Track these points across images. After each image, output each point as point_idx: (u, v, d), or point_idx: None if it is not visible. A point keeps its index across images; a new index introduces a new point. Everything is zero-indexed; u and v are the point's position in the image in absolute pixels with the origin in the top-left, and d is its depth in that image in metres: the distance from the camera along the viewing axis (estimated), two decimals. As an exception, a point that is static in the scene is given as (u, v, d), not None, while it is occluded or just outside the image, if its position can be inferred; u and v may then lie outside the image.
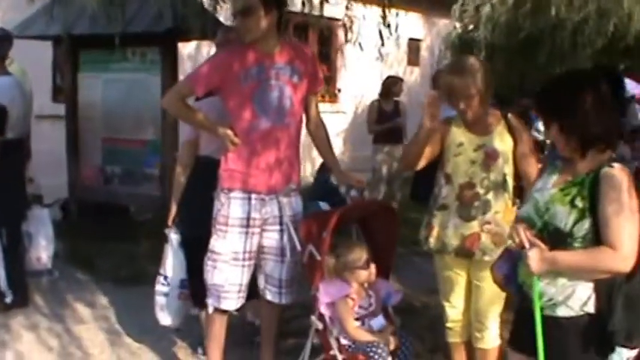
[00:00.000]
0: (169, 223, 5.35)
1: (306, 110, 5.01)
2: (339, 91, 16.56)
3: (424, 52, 19.03)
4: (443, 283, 4.87)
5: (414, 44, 18.30)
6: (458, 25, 15.71)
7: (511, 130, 4.59)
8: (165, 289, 5.30)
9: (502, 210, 4.54)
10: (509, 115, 4.70)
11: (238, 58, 4.69)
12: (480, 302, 4.66)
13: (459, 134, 4.67)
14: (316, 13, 7.03)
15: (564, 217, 3.24)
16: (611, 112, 3.29)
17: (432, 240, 4.73)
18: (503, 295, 4.44)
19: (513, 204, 4.58)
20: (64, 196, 9.73)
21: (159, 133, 8.91)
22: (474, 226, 4.54)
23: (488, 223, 4.50)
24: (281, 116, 4.75)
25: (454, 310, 4.83)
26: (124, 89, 9.31)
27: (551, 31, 13.04)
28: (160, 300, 5.33)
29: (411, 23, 15.21)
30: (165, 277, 5.29)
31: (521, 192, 4.56)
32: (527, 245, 3.27)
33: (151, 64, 8.96)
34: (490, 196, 4.53)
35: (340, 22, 7.80)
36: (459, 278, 4.75)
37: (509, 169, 4.52)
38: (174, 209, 5.36)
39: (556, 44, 13.20)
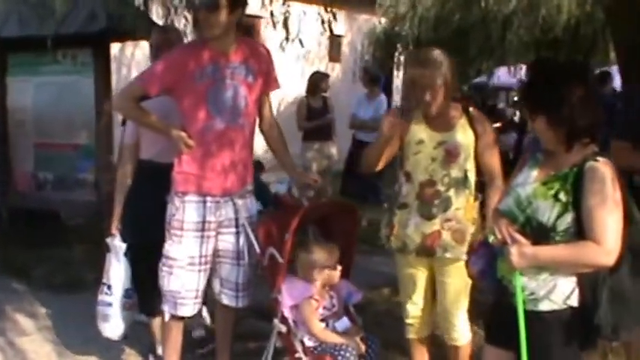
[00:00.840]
0: (112, 230, 5.16)
1: (260, 110, 4.93)
2: (278, 84, 16.50)
3: (345, 48, 19.07)
4: (404, 282, 4.83)
5: (335, 40, 18.33)
6: (382, 20, 15.86)
7: (472, 123, 4.56)
8: (109, 298, 5.11)
9: (463, 206, 4.52)
10: (471, 107, 4.67)
11: (193, 56, 4.58)
12: (446, 299, 4.65)
13: (419, 131, 4.60)
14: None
15: (547, 211, 3.25)
16: (597, 106, 3.32)
17: (393, 239, 4.69)
18: (469, 289, 4.49)
19: (475, 199, 4.57)
20: (-4, 203, 9.48)
21: (92, 137, 8.72)
22: (435, 224, 4.51)
23: (449, 220, 4.49)
24: (235, 117, 4.66)
25: (415, 307, 4.80)
26: (55, 93, 9.05)
27: (480, 24, 13.27)
28: (103, 310, 5.14)
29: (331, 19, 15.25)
30: (109, 287, 5.11)
31: (482, 187, 4.57)
32: (509, 241, 3.28)
33: (82, 67, 8.75)
34: (451, 192, 4.50)
35: (262, 19, 7.74)
36: (421, 276, 4.72)
37: (470, 165, 4.49)
38: (117, 216, 5.19)
39: (486, 37, 13.44)
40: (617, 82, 11.08)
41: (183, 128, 4.62)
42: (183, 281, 4.69)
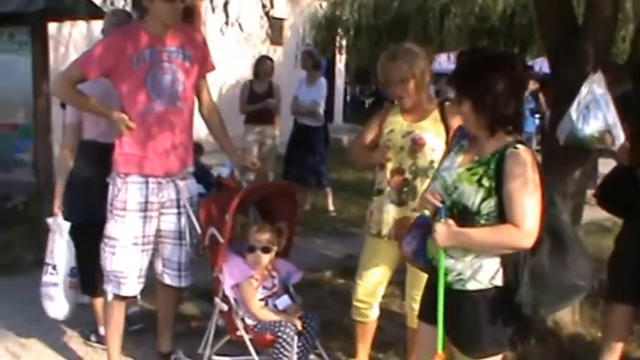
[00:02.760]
0: (55, 209, 5.17)
1: (198, 94, 5.03)
2: (214, 67, 16.39)
3: (287, 32, 19.07)
4: (364, 263, 4.95)
5: (277, 23, 18.32)
6: (324, 4, 15.93)
7: (445, 116, 4.68)
8: (54, 278, 5.11)
9: None
10: (447, 103, 4.80)
11: (131, 40, 4.63)
12: (410, 284, 4.75)
13: (393, 121, 4.79)
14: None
15: (472, 195, 3.39)
16: (521, 96, 3.46)
17: (371, 225, 4.86)
18: None
19: None
20: None
21: (30, 116, 8.63)
22: (405, 210, 4.66)
23: (415, 209, 4.58)
24: (174, 100, 4.74)
25: (364, 289, 4.93)
26: (-8, 71, 8.94)
27: (418, 12, 13.44)
28: (48, 291, 5.14)
29: (275, 2, 15.23)
30: (54, 267, 5.12)
31: None
32: (439, 205, 3.44)
33: (20, 46, 8.65)
34: (417, 182, 4.64)
35: (202, 2, 7.73)
36: (383, 262, 4.86)
37: (436, 156, 4.51)
38: (59, 195, 5.20)
39: (424, 25, 13.61)
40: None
41: (123, 111, 4.68)
42: (126, 261, 4.76)
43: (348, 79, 22.44)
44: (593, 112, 5.03)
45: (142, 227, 4.74)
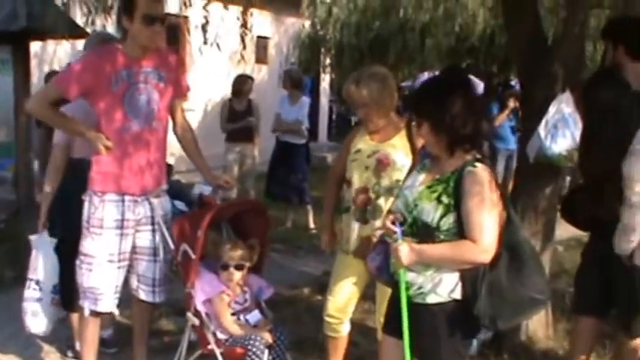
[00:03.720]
0: (41, 226, 5.25)
1: (172, 115, 5.13)
2: (189, 89, 16.41)
3: (272, 50, 19.16)
4: (335, 280, 5.05)
5: (262, 42, 18.41)
6: (307, 23, 16.03)
7: (411, 137, 4.75)
8: (37, 294, 5.19)
9: None
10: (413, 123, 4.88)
11: (109, 60, 4.73)
12: (383, 298, 4.79)
13: (360, 141, 4.91)
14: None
15: (431, 212, 3.51)
16: (479, 115, 3.56)
17: (340, 242, 5.00)
18: None
19: None
20: None
21: (12, 135, 8.69)
22: (368, 228, 4.75)
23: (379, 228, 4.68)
24: (149, 120, 4.84)
25: (335, 305, 5.01)
26: (-27, 89, 8.99)
27: (399, 32, 13.57)
28: (32, 306, 5.21)
29: (259, 21, 15.33)
30: (38, 282, 5.19)
31: None
32: (395, 230, 3.54)
33: (1, 65, 8.74)
34: (381, 201, 4.74)
35: (189, 19, 7.81)
36: (351, 276, 4.95)
37: (401, 175, 4.54)
38: (45, 212, 5.27)
39: (405, 44, 13.74)
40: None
41: (100, 130, 4.77)
42: (102, 277, 4.83)
43: (333, 97, 22.51)
44: (562, 130, 5.13)
45: (118, 244, 4.81)
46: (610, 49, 4.96)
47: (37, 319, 5.23)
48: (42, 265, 5.19)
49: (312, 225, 10.78)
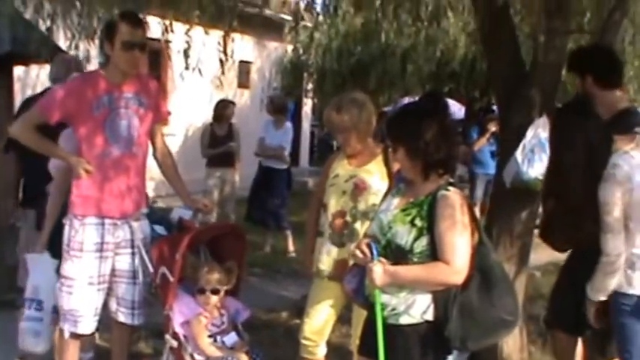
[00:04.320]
0: (42, 247, 5.30)
1: (152, 140, 5.22)
2: (169, 113, 16.42)
3: (254, 75, 19.23)
4: (311, 302, 5.11)
5: (244, 67, 18.47)
6: (289, 48, 16.12)
7: (388, 162, 4.84)
8: (39, 314, 5.22)
9: None
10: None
11: (90, 86, 4.84)
12: (360, 320, 4.83)
13: (338, 166, 5.01)
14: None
15: (405, 235, 3.60)
16: (452, 140, 3.65)
17: (316, 265, 5.03)
18: None
19: None
20: None
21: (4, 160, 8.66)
22: (345, 252, 4.79)
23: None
24: (129, 145, 4.93)
25: (311, 327, 5.05)
26: (-46, 114, 8.96)
27: (381, 57, 13.69)
28: (33, 326, 5.22)
29: (242, 46, 15.40)
30: (40, 302, 5.21)
31: None
32: (370, 257, 3.60)
33: (-15, 88, 8.74)
34: (357, 224, 4.81)
35: (171, 44, 7.88)
36: (327, 299, 5.00)
37: (377, 200, 4.58)
38: (47, 234, 5.30)
39: (386, 69, 13.85)
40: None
41: (81, 154, 4.86)
42: (82, 300, 4.88)
43: (315, 122, 22.60)
44: (538, 155, 5.21)
45: (98, 267, 4.87)
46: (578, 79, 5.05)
47: (39, 338, 5.25)
48: (43, 285, 5.21)
49: (291, 249, 10.81)
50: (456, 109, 14.31)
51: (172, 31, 7.10)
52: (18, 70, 9.49)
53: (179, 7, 6.85)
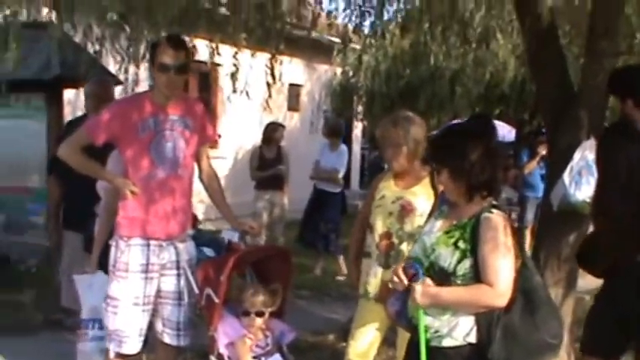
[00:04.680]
0: (93, 266, 5.36)
1: (198, 162, 5.24)
2: (220, 136, 16.55)
3: (304, 98, 19.29)
4: (356, 324, 5.09)
5: (294, 89, 18.55)
6: (339, 71, 16.14)
7: (434, 184, 4.80)
8: (101, 333, 5.25)
9: None
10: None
11: (136, 109, 4.90)
12: (404, 343, 4.80)
13: (384, 187, 4.99)
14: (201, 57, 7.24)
15: (448, 257, 3.58)
16: (497, 162, 3.63)
17: (362, 286, 5.02)
18: None
19: None
20: (-57, 246, 9.47)
21: (44, 181, 8.81)
22: (390, 273, 4.74)
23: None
24: (175, 167, 4.96)
25: (355, 349, 5.03)
26: (8, 135, 9.19)
27: (430, 79, 13.64)
28: (99, 345, 5.28)
29: (292, 69, 15.45)
30: (101, 321, 5.21)
31: None
32: (406, 283, 3.60)
33: (36, 111, 8.93)
34: (404, 246, 4.79)
35: (222, 67, 7.94)
36: (373, 321, 4.97)
37: (423, 222, 4.49)
38: (96, 254, 5.37)
39: (435, 92, 13.80)
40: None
41: (127, 175, 4.91)
42: (127, 320, 4.90)
43: (365, 144, 22.60)
44: (586, 177, 5.15)
45: (143, 288, 4.89)
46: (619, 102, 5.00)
47: (103, 356, 5.29)
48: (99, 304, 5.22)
49: (343, 272, 10.77)
50: (506, 131, 14.19)
51: (219, 53, 7.15)
52: (68, 93, 9.65)
53: (226, 30, 6.90)
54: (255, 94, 7.78)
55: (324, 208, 10.83)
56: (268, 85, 6.78)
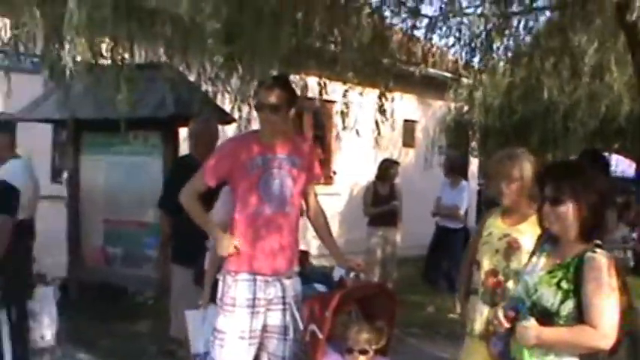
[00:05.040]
0: (205, 300, 5.46)
1: (305, 199, 5.34)
2: (334, 173, 16.68)
3: (419, 134, 19.23)
4: None
5: (409, 125, 18.52)
6: (453, 106, 16.06)
7: (542, 224, 4.75)
8: None
9: None
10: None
11: (244, 148, 5.03)
12: None
13: (492, 224, 4.96)
14: (312, 94, 7.32)
15: (551, 297, 3.51)
16: (610, 202, 3.56)
17: (468, 323, 4.99)
18: None
19: None
20: (63, 276, 9.77)
21: (159, 215, 9.02)
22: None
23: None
24: (282, 204, 5.03)
25: None
26: (125, 172, 9.52)
27: (543, 114, 13.44)
28: None
29: (406, 105, 15.45)
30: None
31: None
32: (506, 325, 3.56)
33: (152, 148, 9.17)
34: (510, 284, 4.71)
35: (336, 104, 8.01)
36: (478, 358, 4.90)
37: None
38: (207, 290, 5.47)
39: (548, 127, 13.57)
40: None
41: (236, 212, 5.03)
42: (233, 353, 4.97)
43: (481, 180, 22.35)
44: None
45: (250, 322, 4.95)
46: None
47: None
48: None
49: (458, 310, 10.60)
50: (626, 166, 13.84)
51: (327, 92, 7.22)
52: (183, 132, 9.89)
53: (334, 68, 6.97)
54: (368, 130, 7.82)
55: (445, 245, 10.80)
56: (377, 122, 6.79)
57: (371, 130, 7.91)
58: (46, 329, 7.32)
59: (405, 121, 17.92)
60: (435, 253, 10.93)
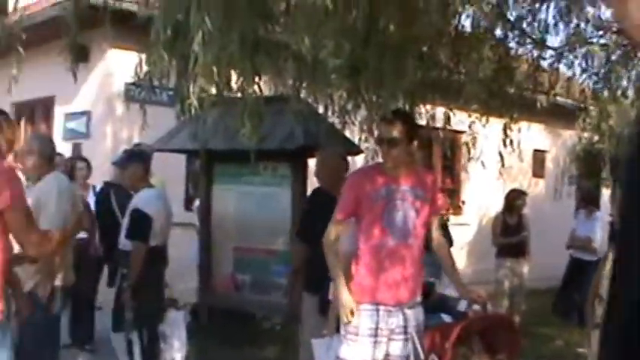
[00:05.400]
0: (331, 329, 5.60)
1: (429, 231, 5.35)
2: (464, 203, 16.60)
3: (549, 164, 18.96)
4: None
5: (539, 155, 18.28)
6: (582, 136, 15.74)
7: None
8: None
9: None
10: None
11: (369, 180, 5.12)
12: None
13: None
14: (440, 125, 7.34)
15: None
16: None
17: (589, 358, 4.89)
18: None
19: None
20: (193, 301, 10.03)
21: (288, 244, 9.18)
22: None
23: None
24: (406, 236, 5.10)
25: None
26: (255, 201, 9.72)
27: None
28: None
29: (535, 135, 15.25)
30: None
31: None
32: None
33: (282, 179, 9.34)
34: None
35: (464, 134, 8.00)
36: None
37: None
38: (332, 320, 5.61)
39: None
40: None
41: (360, 243, 5.12)
42: None
43: (613, 211, 21.79)
44: None
45: (372, 351, 5.02)
46: None
47: None
48: None
49: (587, 346, 10.38)
50: None
51: (449, 124, 7.24)
52: (312, 162, 10.06)
53: (458, 100, 7.00)
54: (495, 161, 7.79)
55: (578, 277, 10.58)
56: (500, 153, 6.78)
57: (497, 161, 7.89)
58: (176, 352, 7.53)
59: (535, 151, 17.70)
60: (568, 285, 10.72)
